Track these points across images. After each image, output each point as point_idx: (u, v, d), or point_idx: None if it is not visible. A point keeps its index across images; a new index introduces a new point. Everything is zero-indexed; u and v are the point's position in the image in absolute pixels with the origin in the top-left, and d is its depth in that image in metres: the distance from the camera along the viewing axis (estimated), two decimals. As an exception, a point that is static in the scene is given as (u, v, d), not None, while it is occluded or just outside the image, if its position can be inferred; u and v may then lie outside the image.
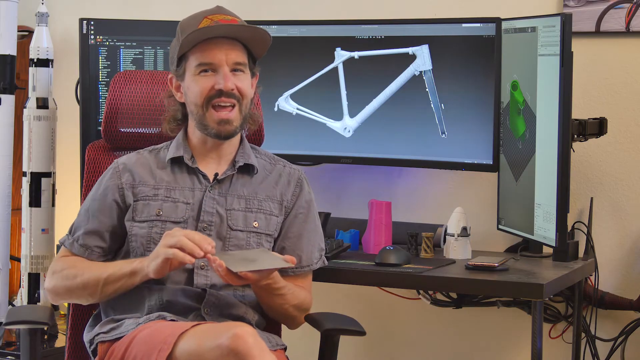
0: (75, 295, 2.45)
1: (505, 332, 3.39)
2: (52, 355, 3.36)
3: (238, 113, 2.45)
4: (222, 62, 2.43)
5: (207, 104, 2.44)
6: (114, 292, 2.39)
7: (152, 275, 2.31)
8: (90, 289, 2.40)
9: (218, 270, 2.25)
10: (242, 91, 2.46)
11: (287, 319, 2.53)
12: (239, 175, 2.52)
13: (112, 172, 2.51)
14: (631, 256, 3.21)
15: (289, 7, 3.61)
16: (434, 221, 3.21)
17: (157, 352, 2.13)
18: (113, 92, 2.72)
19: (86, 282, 2.40)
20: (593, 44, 3.21)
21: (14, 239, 3.75)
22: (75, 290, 2.42)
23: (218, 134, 2.45)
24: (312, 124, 3.33)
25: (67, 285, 2.43)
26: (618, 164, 3.22)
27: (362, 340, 2.91)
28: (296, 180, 2.57)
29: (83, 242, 2.47)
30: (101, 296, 2.41)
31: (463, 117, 3.13)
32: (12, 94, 3.58)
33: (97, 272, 2.40)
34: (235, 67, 2.45)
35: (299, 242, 2.52)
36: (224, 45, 2.44)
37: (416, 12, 3.42)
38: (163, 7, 3.78)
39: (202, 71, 2.44)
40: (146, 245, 2.43)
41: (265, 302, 2.46)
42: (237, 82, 2.44)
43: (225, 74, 2.43)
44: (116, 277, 2.37)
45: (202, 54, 2.43)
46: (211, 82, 2.43)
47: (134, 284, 2.37)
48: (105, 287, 2.38)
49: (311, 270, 2.56)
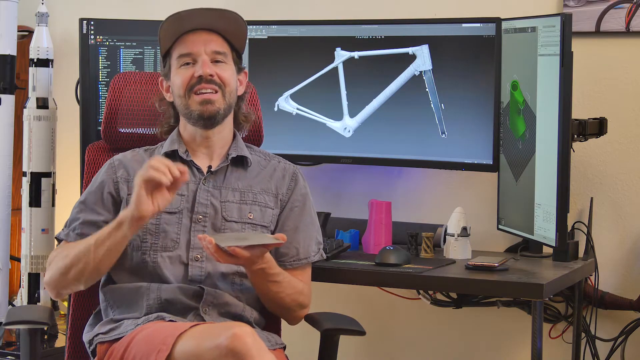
0: (71, 276, 2.38)
1: (505, 332, 3.39)
2: (52, 355, 3.36)
3: (221, 97, 2.47)
4: (200, 52, 2.47)
5: (189, 92, 2.47)
6: (107, 253, 2.34)
7: (136, 213, 2.26)
8: (83, 259, 2.35)
9: (208, 248, 2.25)
10: (223, 78, 2.48)
11: (285, 311, 2.51)
12: (233, 168, 2.53)
13: (107, 167, 2.54)
14: (631, 256, 3.21)
15: (289, 7, 3.61)
16: (434, 221, 3.21)
17: (156, 352, 2.13)
18: (113, 93, 2.73)
19: (77, 254, 2.36)
20: (593, 44, 3.21)
21: (14, 239, 3.75)
22: (70, 269, 2.37)
23: (201, 114, 2.46)
24: (312, 124, 3.33)
25: (61, 268, 2.39)
26: (618, 164, 3.22)
27: (362, 340, 2.91)
28: (291, 174, 2.58)
29: (80, 232, 2.46)
30: (95, 263, 2.35)
31: (463, 117, 3.13)
32: (12, 94, 3.58)
33: (86, 241, 2.38)
34: (216, 58, 2.48)
35: (295, 235, 2.51)
36: (202, 35, 2.48)
37: (416, 12, 3.42)
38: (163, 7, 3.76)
39: (184, 64, 2.48)
40: (142, 237, 2.43)
41: (262, 290, 2.44)
42: (217, 71, 2.47)
43: (204, 61, 2.46)
44: (104, 235, 2.34)
45: (181, 45, 2.48)
46: (191, 72, 2.47)
47: (124, 237, 2.32)
48: (97, 251, 2.34)
49: (309, 264, 2.55)
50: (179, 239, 2.44)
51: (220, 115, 2.48)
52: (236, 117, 2.58)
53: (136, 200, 2.26)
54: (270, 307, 2.51)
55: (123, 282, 2.46)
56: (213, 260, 2.42)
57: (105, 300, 2.48)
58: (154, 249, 2.43)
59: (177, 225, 2.45)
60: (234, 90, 2.52)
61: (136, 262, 2.44)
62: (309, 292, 2.55)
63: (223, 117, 2.49)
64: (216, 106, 2.46)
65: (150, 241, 2.43)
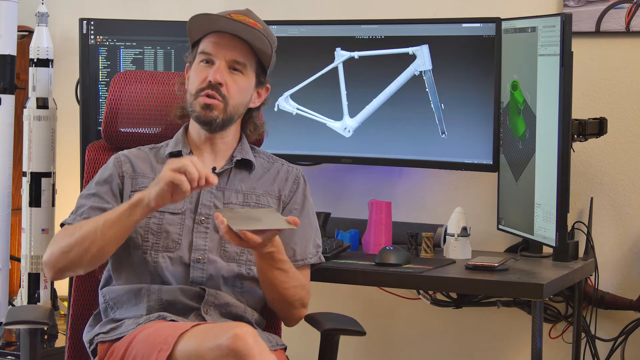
0: (73, 255, 2.33)
1: (505, 332, 3.39)
2: (52, 355, 3.36)
3: (223, 108, 2.46)
4: (220, 56, 2.45)
5: (198, 94, 2.46)
6: (114, 235, 2.31)
7: (153, 204, 2.25)
8: (90, 237, 2.30)
9: (220, 227, 2.23)
10: (231, 90, 2.46)
11: (286, 307, 2.48)
12: (237, 171, 2.53)
13: (114, 161, 2.53)
14: (631, 256, 3.22)
15: (289, 7, 3.61)
16: (434, 221, 3.21)
17: (157, 352, 2.13)
18: (113, 92, 2.73)
19: (84, 233, 2.32)
20: (593, 44, 3.22)
21: (14, 239, 3.75)
22: (73, 247, 2.32)
23: (199, 117, 2.46)
24: (312, 124, 3.33)
25: (63, 247, 2.34)
26: (618, 164, 3.22)
27: (362, 340, 2.91)
28: (294, 177, 2.58)
29: (87, 216, 2.43)
30: (101, 244, 2.30)
31: (463, 117, 3.13)
32: (12, 94, 3.58)
33: (94, 220, 2.34)
34: (234, 66, 2.46)
35: (292, 236, 2.50)
36: (230, 41, 2.45)
37: (416, 12, 3.42)
38: (163, 7, 3.78)
39: (203, 61, 2.47)
40: (144, 236, 2.43)
41: (268, 277, 2.41)
42: (229, 80, 2.45)
43: (218, 67, 2.45)
44: (114, 216, 2.30)
45: (207, 43, 2.47)
46: (206, 74, 2.46)
47: (135, 221, 2.30)
48: (105, 231, 2.29)
49: (306, 265, 2.54)
50: (180, 239, 2.44)
51: (217, 124, 2.47)
52: (245, 126, 2.57)
53: (158, 193, 2.23)
54: (273, 301, 2.48)
55: (123, 281, 2.45)
56: (215, 263, 2.42)
57: (105, 302, 2.48)
58: (155, 248, 2.43)
59: (179, 226, 2.45)
60: (241, 104, 2.50)
61: (137, 261, 2.43)
62: (309, 295, 2.54)
63: (222, 126, 2.48)
64: (215, 114, 2.45)
65: (152, 241, 2.43)
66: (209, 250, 2.43)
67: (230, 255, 2.45)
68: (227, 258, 2.45)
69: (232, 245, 2.42)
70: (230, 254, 2.45)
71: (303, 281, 2.48)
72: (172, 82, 2.71)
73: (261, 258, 2.37)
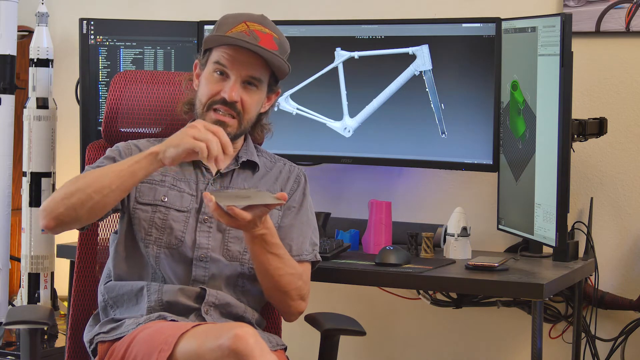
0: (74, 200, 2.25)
1: (505, 332, 3.39)
2: (52, 355, 3.37)
3: (237, 124, 2.46)
4: (235, 72, 2.43)
5: (209, 107, 2.45)
6: (121, 185, 2.26)
7: (167, 162, 2.24)
8: (94, 184, 2.25)
9: (208, 205, 2.22)
10: (245, 106, 2.45)
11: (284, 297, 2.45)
12: (240, 170, 2.53)
13: (124, 146, 2.51)
14: (631, 256, 3.22)
15: (289, 7, 3.61)
16: (434, 221, 3.21)
17: (157, 352, 2.13)
18: (113, 92, 2.72)
19: (90, 180, 2.27)
20: (593, 44, 3.22)
21: (14, 239, 3.75)
22: (75, 193, 2.25)
23: None
24: (312, 124, 3.33)
25: (66, 193, 2.27)
26: (618, 164, 3.22)
27: (362, 340, 2.91)
28: (295, 176, 2.58)
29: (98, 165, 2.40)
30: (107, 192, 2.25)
31: (463, 117, 3.13)
32: (12, 94, 3.58)
33: (102, 169, 2.31)
34: (249, 80, 2.45)
35: (289, 232, 2.50)
36: (246, 56, 2.43)
37: (416, 12, 3.42)
38: (163, 7, 3.78)
39: (217, 71, 2.44)
40: (147, 230, 2.43)
41: (262, 262, 2.38)
42: (244, 96, 2.44)
43: (233, 84, 2.43)
44: (126, 164, 2.27)
45: (223, 55, 2.43)
46: (219, 87, 2.44)
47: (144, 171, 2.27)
48: (112, 178, 2.25)
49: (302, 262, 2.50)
50: (183, 237, 2.44)
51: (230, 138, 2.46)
52: (252, 128, 2.57)
53: (174, 156, 2.23)
54: (269, 291, 2.46)
55: (123, 276, 2.45)
56: (218, 262, 2.42)
57: (104, 301, 2.48)
58: (158, 243, 2.43)
59: (183, 223, 2.45)
60: (253, 117, 2.50)
61: (139, 254, 2.44)
62: (308, 289, 2.53)
63: (234, 139, 2.47)
64: (227, 130, 2.42)
65: (155, 235, 2.43)
66: (211, 249, 2.43)
67: (233, 254, 2.45)
68: (230, 257, 2.45)
69: (234, 244, 2.43)
70: (233, 253, 2.45)
71: (299, 270, 2.46)
72: (172, 82, 2.71)
73: (253, 242, 2.35)
